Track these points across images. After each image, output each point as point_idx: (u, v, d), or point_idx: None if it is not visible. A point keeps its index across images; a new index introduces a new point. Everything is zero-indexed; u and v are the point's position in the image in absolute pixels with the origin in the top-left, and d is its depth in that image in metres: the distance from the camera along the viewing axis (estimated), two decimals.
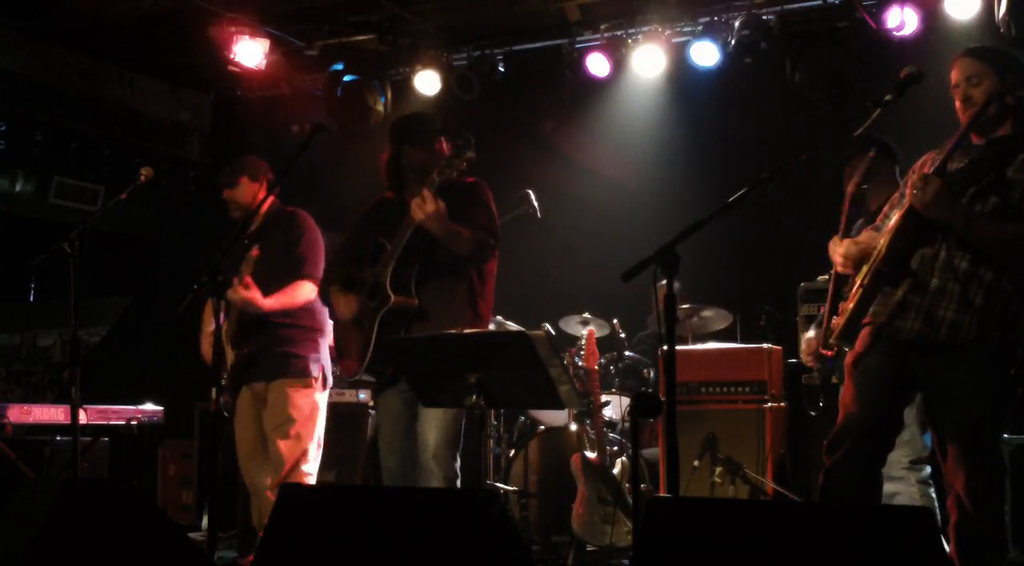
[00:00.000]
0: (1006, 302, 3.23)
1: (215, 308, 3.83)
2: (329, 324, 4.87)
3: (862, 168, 4.01)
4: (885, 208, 3.56)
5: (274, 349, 4.68)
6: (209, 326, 4.82)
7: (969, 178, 3.27)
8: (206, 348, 4.85)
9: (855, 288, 3.39)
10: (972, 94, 3.32)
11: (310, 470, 4.68)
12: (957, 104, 3.37)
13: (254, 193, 4.86)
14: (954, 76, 3.38)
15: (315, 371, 4.75)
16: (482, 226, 4.15)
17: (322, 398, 4.80)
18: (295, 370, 4.69)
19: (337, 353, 4.44)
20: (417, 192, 4.00)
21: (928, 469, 4.30)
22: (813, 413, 4.88)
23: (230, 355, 4.71)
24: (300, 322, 4.74)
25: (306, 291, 4.71)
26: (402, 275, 4.08)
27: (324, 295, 4.55)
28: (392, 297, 4.02)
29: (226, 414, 4.77)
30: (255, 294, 4.54)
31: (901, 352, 3.32)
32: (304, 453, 4.65)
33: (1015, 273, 3.25)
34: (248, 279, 4.52)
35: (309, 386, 4.72)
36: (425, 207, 3.92)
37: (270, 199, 4.81)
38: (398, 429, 4.16)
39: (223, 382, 4.56)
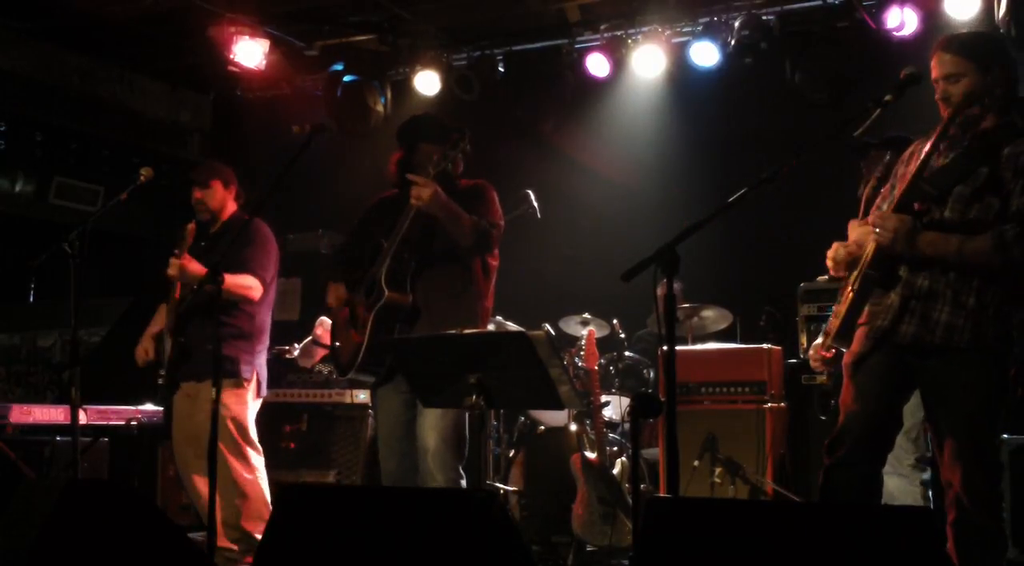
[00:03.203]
0: (999, 302, 3.23)
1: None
2: (267, 331, 4.91)
3: (879, 169, 3.98)
4: (877, 200, 3.54)
5: (208, 346, 4.51)
6: (154, 327, 4.94)
7: (954, 175, 3.25)
8: (140, 350, 4.91)
9: (847, 291, 3.39)
10: (951, 93, 3.28)
11: (252, 476, 4.77)
12: (937, 97, 3.34)
13: (223, 199, 4.98)
14: (933, 70, 3.33)
15: (247, 373, 4.76)
16: (484, 217, 4.12)
17: (254, 404, 4.84)
18: (227, 371, 4.64)
19: (331, 352, 4.41)
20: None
21: (928, 473, 4.30)
22: (823, 417, 4.85)
23: (169, 346, 4.69)
24: (236, 323, 4.76)
25: (251, 284, 4.74)
26: (398, 271, 4.05)
27: (323, 294, 4.47)
28: (387, 293, 3.99)
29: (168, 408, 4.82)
30: (196, 264, 4.62)
31: (900, 354, 3.32)
32: (247, 476, 4.74)
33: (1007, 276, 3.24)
34: (186, 254, 4.63)
35: (241, 387, 4.74)
36: (423, 191, 3.89)
37: (234, 207, 4.95)
38: (397, 430, 4.14)
39: (160, 381, 4.61)
